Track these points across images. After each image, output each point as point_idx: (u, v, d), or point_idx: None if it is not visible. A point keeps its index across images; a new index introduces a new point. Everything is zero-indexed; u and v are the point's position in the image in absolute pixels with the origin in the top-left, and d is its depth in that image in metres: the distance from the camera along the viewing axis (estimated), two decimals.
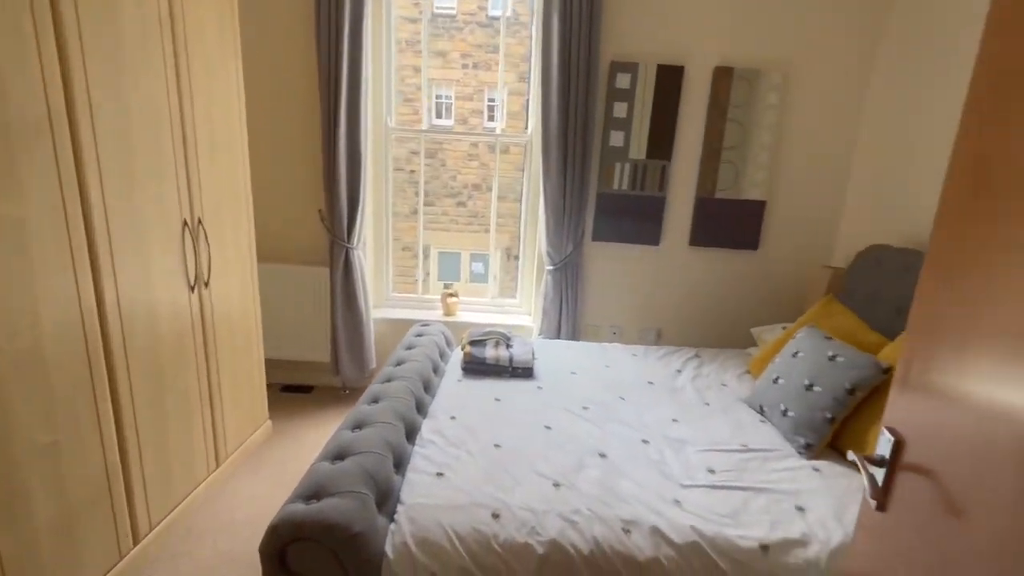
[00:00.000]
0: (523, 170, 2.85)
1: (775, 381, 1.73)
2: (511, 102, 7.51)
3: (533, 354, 2.10)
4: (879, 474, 0.77)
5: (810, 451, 1.53)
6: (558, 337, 2.68)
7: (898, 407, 0.77)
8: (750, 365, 2.12)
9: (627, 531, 1.19)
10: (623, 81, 2.50)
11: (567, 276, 2.63)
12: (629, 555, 1.15)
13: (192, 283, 1.73)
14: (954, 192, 0.71)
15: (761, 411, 1.76)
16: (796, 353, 1.73)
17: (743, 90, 2.49)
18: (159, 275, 1.58)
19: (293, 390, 2.82)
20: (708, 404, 1.85)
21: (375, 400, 1.64)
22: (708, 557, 1.15)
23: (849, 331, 1.82)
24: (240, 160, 2.01)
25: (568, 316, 2.67)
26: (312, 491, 1.19)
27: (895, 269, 1.90)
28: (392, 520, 1.21)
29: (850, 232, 2.52)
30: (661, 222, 2.64)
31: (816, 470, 1.46)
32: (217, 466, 1.95)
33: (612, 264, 2.71)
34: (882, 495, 0.76)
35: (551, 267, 2.62)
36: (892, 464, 0.75)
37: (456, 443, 1.50)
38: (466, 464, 1.40)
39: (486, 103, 7.82)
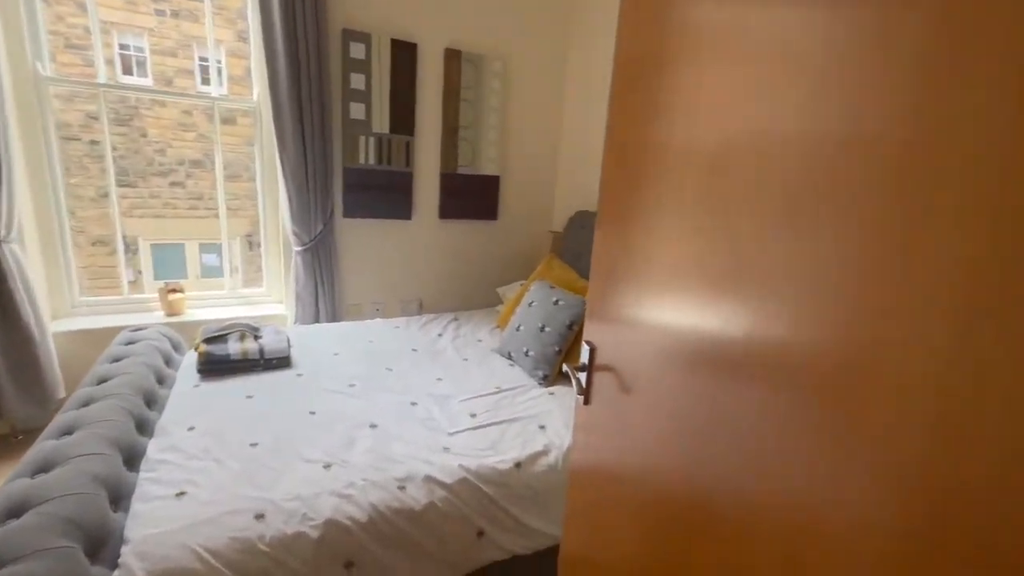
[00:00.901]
0: (255, 144, 2.52)
1: (517, 329, 2.03)
2: (232, 64, 6.44)
3: (289, 342, 1.93)
4: (583, 377, 1.00)
5: (547, 381, 1.86)
6: (317, 322, 2.53)
7: (591, 326, 1.01)
8: (498, 320, 2.42)
9: (402, 488, 1.24)
10: (358, 51, 2.43)
11: (319, 256, 2.48)
12: (406, 509, 1.21)
13: None
14: (608, 167, 0.95)
15: (509, 356, 2.04)
16: (531, 303, 2.05)
17: (471, 73, 2.72)
18: None
19: None
20: (467, 360, 2.05)
21: (68, 431, 1.27)
22: (475, 486, 1.30)
23: (567, 280, 2.24)
24: None
25: (326, 298, 2.53)
26: None
27: (592, 229, 2.41)
28: (116, 566, 0.99)
29: (563, 201, 3.07)
30: (411, 196, 2.72)
31: (552, 394, 1.78)
32: None
33: (367, 240, 2.67)
34: (586, 392, 0.99)
35: (300, 248, 2.43)
36: (590, 367, 0.98)
37: (199, 455, 1.29)
38: (214, 474, 1.23)
39: (197, 62, 6.53)
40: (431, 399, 1.69)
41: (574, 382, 0.97)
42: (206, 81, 6.56)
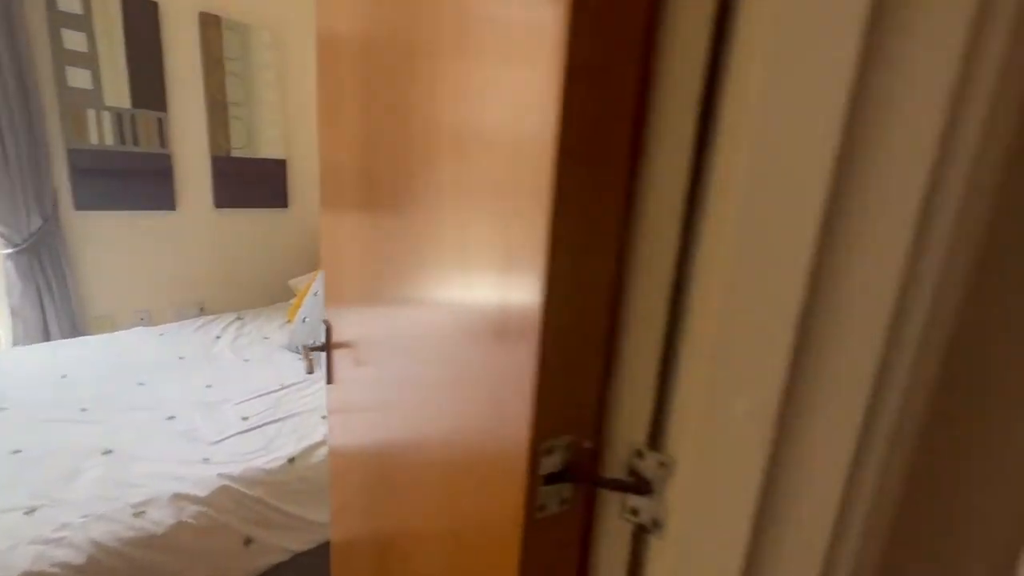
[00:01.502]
0: None
1: (304, 321, 1.91)
2: None
3: None
4: (323, 356, 0.98)
5: None
6: (48, 340, 2.04)
7: (328, 306, 0.99)
8: (288, 314, 2.25)
9: (140, 514, 1.08)
10: (69, 3, 1.98)
11: (43, 260, 2.00)
12: (144, 535, 1.06)
13: None
14: (321, 152, 0.94)
15: (298, 350, 1.91)
16: (315, 293, 1.95)
17: (236, 43, 2.43)
18: None
19: None
20: (248, 360, 1.86)
21: None
22: (239, 492, 1.19)
23: None
24: None
25: (58, 311, 2.06)
26: None
27: None
28: None
29: None
30: (172, 184, 2.34)
31: None
32: None
33: (116, 237, 2.23)
34: (328, 371, 0.98)
35: (11, 251, 1.93)
36: (328, 346, 0.97)
37: None
38: None
39: None
40: (195, 409, 1.50)
41: (306, 363, 0.95)
42: None
